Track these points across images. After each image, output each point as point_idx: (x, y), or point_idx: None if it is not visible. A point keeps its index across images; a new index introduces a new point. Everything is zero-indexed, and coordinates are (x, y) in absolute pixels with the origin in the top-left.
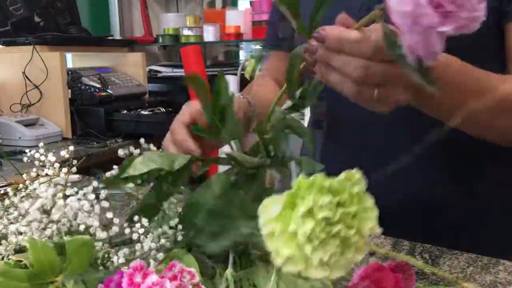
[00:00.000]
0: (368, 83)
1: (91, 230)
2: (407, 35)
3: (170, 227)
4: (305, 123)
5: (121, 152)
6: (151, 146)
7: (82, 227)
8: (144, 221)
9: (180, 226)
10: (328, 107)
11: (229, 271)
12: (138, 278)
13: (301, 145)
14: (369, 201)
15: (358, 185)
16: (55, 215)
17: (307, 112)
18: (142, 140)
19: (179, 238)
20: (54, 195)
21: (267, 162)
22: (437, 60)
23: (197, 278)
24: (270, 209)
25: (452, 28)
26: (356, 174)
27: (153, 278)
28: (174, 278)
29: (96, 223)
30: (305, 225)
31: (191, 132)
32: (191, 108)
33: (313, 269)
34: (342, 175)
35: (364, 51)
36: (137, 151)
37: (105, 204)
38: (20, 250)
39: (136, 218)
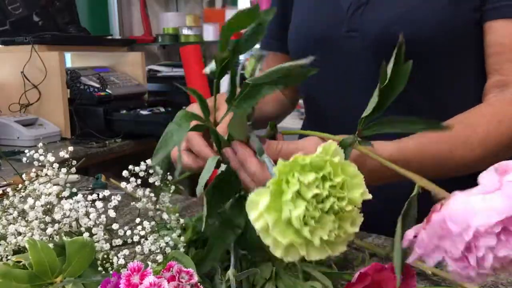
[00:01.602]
0: None
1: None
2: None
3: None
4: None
5: None
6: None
7: (83, 228)
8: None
9: (182, 238)
10: (317, 103)
11: (231, 272)
12: (135, 279)
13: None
14: (352, 168)
15: (337, 155)
16: (56, 215)
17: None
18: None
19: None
20: (56, 195)
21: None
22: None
23: (195, 278)
24: (257, 203)
25: None
26: (332, 145)
27: (151, 278)
28: (172, 278)
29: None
30: (297, 208)
31: (205, 138)
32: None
33: (315, 251)
34: (319, 149)
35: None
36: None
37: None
38: (18, 250)
39: (137, 220)
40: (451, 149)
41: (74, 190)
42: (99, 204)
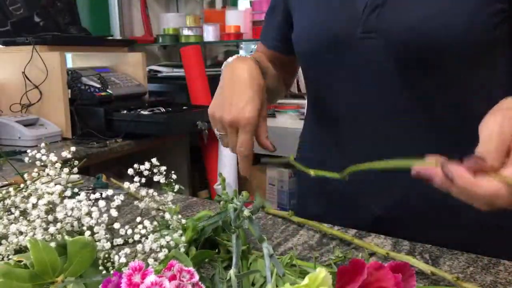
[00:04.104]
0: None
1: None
2: None
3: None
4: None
5: None
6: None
7: (84, 228)
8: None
9: (183, 238)
10: (326, 102)
11: (232, 271)
12: (137, 278)
13: (297, 143)
14: None
15: (324, 286)
16: (58, 214)
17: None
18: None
19: (182, 250)
20: (58, 194)
21: None
22: None
23: (196, 277)
24: None
25: None
26: (321, 273)
27: (152, 278)
28: (173, 277)
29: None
30: None
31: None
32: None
33: None
34: (306, 279)
35: (487, 203)
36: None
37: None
38: (20, 250)
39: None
40: None
41: (76, 190)
42: (101, 203)
